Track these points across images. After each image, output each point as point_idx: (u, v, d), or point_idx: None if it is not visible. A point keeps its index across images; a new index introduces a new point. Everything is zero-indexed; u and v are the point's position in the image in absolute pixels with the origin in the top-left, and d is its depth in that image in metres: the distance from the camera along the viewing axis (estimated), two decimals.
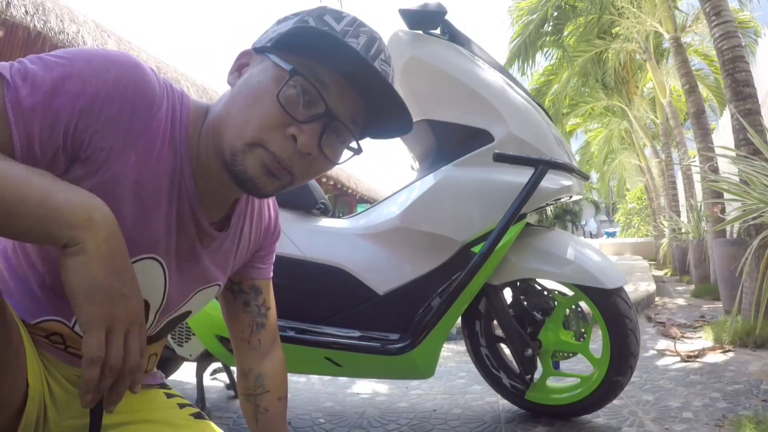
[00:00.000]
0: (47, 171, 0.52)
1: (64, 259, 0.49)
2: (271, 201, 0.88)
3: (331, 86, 0.61)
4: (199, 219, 0.69)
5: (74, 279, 0.48)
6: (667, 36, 6.10)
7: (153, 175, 0.62)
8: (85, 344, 0.49)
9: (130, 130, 0.59)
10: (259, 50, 0.65)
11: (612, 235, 23.06)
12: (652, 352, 2.60)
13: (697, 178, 5.96)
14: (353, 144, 0.68)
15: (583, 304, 1.60)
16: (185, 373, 2.12)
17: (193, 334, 1.57)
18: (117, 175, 0.59)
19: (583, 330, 1.62)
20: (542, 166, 1.41)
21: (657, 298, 4.66)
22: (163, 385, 0.84)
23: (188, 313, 0.80)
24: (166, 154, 0.63)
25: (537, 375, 1.64)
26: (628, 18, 6.88)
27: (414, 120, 1.63)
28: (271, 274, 0.91)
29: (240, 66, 0.67)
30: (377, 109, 0.66)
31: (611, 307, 1.50)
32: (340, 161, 0.67)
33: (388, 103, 0.65)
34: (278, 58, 0.62)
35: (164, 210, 0.65)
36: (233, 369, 1.90)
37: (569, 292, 1.58)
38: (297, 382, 2.27)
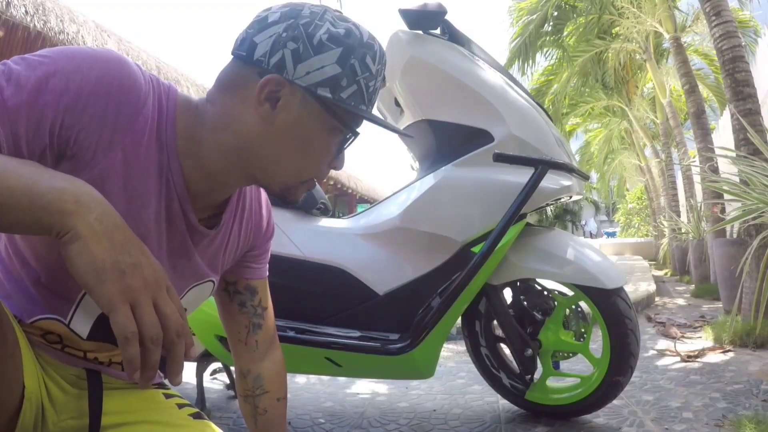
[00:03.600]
0: None
1: (64, 249, 0.47)
2: (264, 200, 0.86)
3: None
4: (189, 215, 0.69)
5: (78, 265, 0.46)
6: (667, 36, 6.09)
7: (140, 171, 0.62)
8: (114, 324, 0.46)
9: (116, 126, 0.59)
10: (303, 88, 0.63)
11: (612, 235, 23.02)
12: (652, 352, 2.60)
13: (697, 178, 5.95)
14: None
15: (583, 304, 1.60)
16: (185, 373, 2.12)
17: (193, 334, 1.57)
18: (104, 172, 0.59)
19: (583, 330, 1.62)
20: (542, 166, 1.41)
21: (657, 298, 4.65)
22: (162, 385, 0.84)
23: (184, 310, 0.80)
24: (153, 150, 0.63)
25: (537, 375, 1.64)
26: (628, 18, 6.87)
27: (414, 120, 1.64)
28: (267, 274, 0.90)
29: (270, 95, 0.63)
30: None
31: (611, 307, 1.50)
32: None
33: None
34: (332, 116, 0.65)
35: (153, 206, 0.65)
36: (233, 369, 1.89)
37: (569, 292, 1.58)
38: (297, 382, 2.27)
